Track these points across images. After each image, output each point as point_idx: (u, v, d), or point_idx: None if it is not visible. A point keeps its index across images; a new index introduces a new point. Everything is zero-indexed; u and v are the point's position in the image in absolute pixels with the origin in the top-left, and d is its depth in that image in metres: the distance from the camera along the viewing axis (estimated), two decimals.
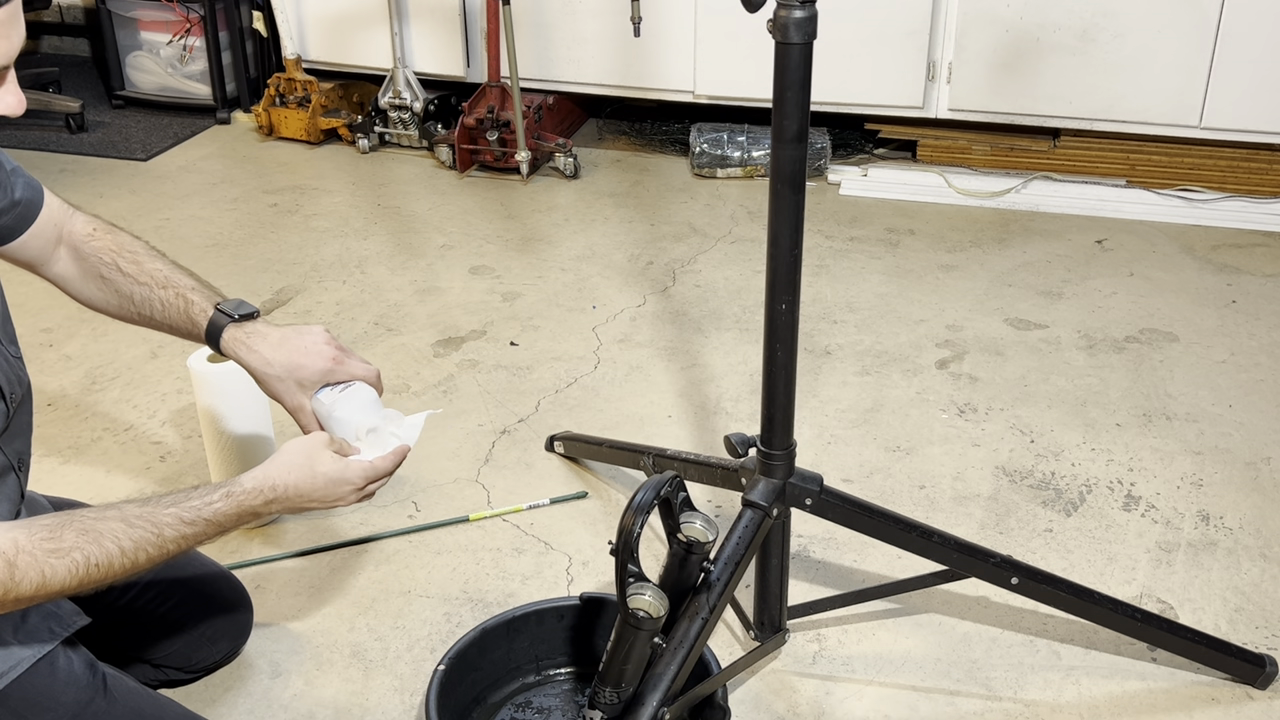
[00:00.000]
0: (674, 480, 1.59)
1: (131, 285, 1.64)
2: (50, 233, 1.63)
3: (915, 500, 2.30)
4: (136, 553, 1.35)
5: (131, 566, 1.36)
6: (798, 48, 1.51)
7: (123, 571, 1.35)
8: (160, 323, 1.66)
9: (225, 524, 1.43)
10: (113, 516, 1.35)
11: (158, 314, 1.64)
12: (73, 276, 1.66)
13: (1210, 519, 2.24)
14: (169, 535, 1.38)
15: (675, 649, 1.59)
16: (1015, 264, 3.23)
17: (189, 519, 1.40)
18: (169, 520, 1.38)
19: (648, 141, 4.09)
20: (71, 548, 1.31)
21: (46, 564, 1.29)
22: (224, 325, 1.61)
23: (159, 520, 1.38)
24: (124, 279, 1.64)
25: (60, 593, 1.32)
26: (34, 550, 1.28)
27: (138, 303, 1.65)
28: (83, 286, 1.66)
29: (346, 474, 1.49)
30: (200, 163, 3.92)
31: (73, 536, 1.31)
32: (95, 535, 1.33)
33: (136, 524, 1.36)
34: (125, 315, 1.67)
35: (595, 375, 2.73)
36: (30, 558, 1.28)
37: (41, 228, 1.61)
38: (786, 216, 1.60)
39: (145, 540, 1.36)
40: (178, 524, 1.39)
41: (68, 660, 1.46)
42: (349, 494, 1.51)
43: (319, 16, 4.00)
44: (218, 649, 1.85)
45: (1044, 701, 1.85)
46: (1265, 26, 3.29)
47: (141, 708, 1.52)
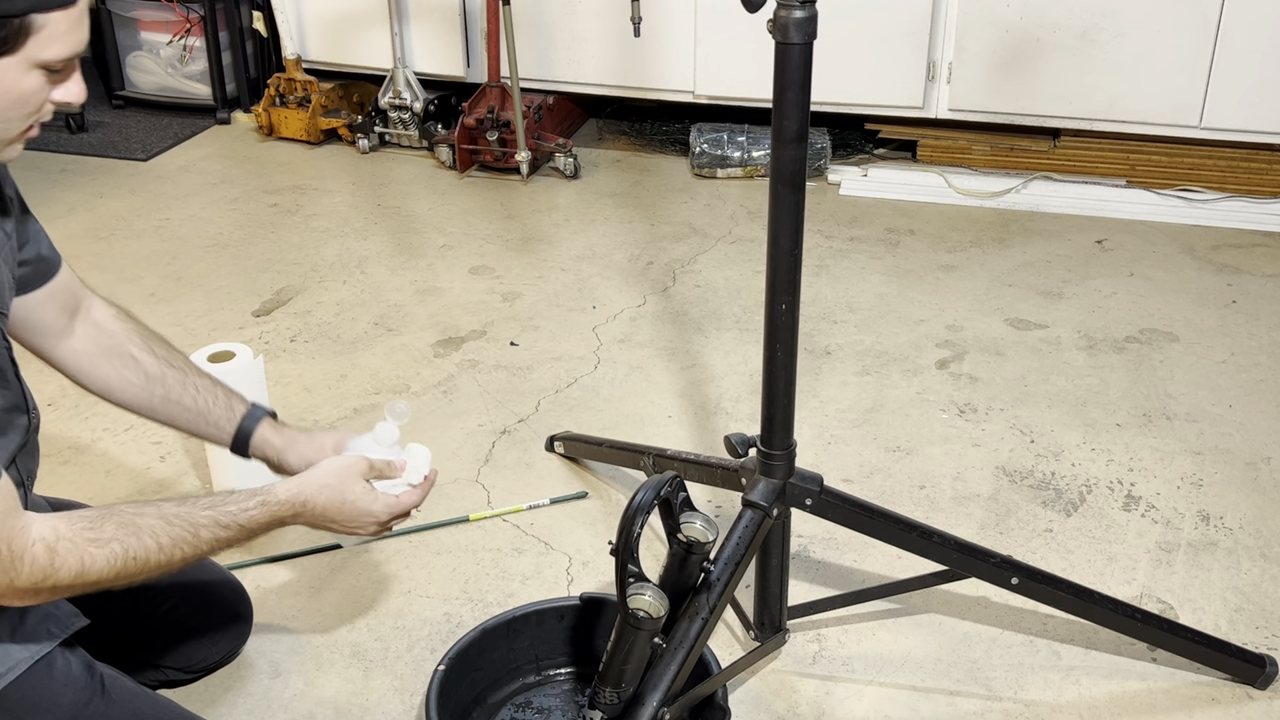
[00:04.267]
0: (674, 480, 1.59)
1: (164, 367, 1.67)
2: (66, 301, 1.63)
3: (915, 500, 2.30)
4: (173, 550, 1.40)
5: (166, 563, 1.40)
6: (798, 48, 1.51)
7: (157, 568, 1.39)
8: (187, 408, 1.67)
9: (256, 531, 1.49)
10: (151, 513, 1.39)
11: (187, 399, 1.67)
12: (88, 353, 1.65)
13: (1210, 519, 2.24)
14: (204, 536, 1.43)
15: (675, 649, 1.59)
16: (1015, 264, 3.23)
17: (225, 522, 1.45)
18: (205, 522, 1.43)
19: (648, 141, 4.09)
20: (111, 539, 1.34)
21: (86, 552, 1.32)
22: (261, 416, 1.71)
23: (196, 521, 1.42)
24: (154, 360, 1.67)
25: (97, 584, 1.35)
26: (74, 538, 1.32)
27: (168, 385, 1.66)
28: (101, 364, 1.65)
29: (373, 507, 1.57)
30: (200, 163, 3.92)
31: (112, 528, 1.35)
32: (134, 529, 1.37)
33: (175, 522, 1.40)
34: (142, 399, 1.67)
35: (595, 375, 2.73)
36: (71, 544, 1.31)
37: (57, 292, 1.61)
38: (786, 216, 1.60)
39: (182, 539, 1.40)
40: (214, 526, 1.44)
41: (65, 661, 1.46)
42: (370, 525, 1.59)
43: (319, 16, 4.00)
44: (218, 649, 1.85)
45: (1044, 701, 1.85)
46: (1265, 26, 3.29)
47: (140, 708, 1.52)
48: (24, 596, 1.32)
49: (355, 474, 1.57)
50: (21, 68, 1.25)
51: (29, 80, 1.27)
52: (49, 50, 1.25)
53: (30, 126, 1.32)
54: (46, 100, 1.30)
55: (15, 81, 1.26)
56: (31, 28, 1.23)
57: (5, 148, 1.32)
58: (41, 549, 1.29)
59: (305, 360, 2.78)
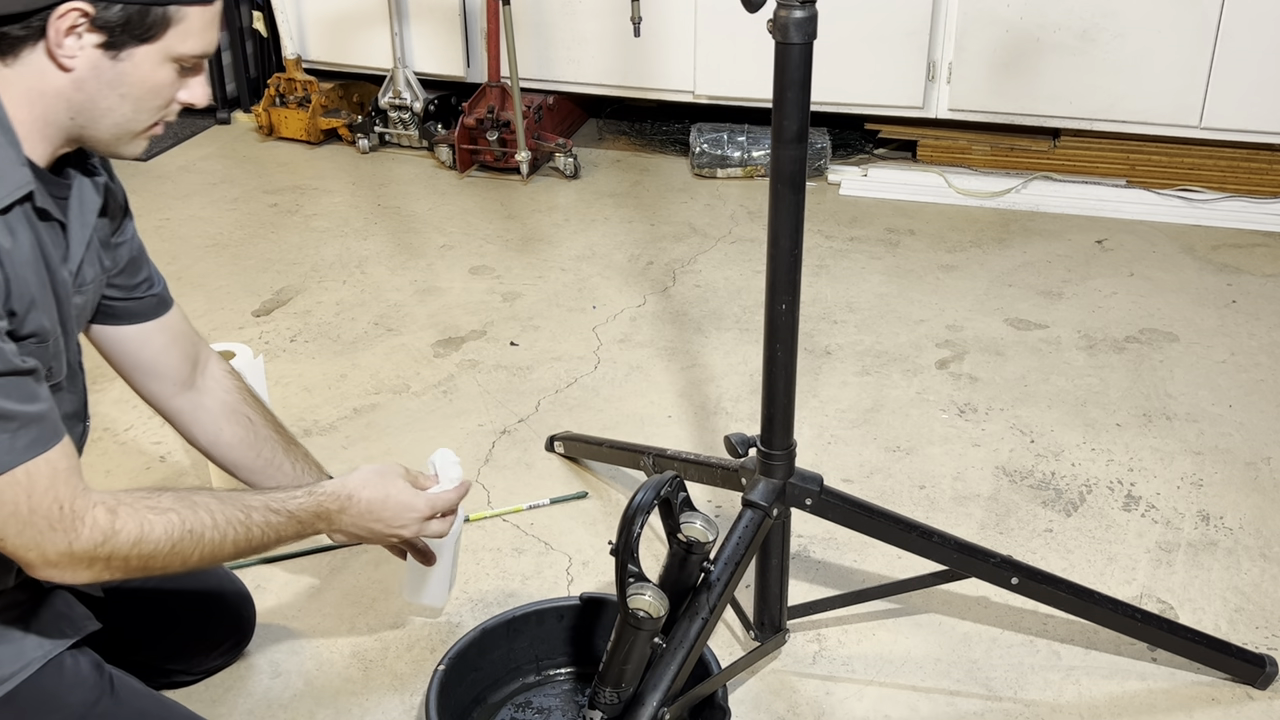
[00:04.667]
0: (674, 480, 1.59)
1: (271, 430, 1.71)
2: (187, 351, 1.65)
3: (915, 500, 2.30)
4: (226, 529, 1.40)
5: (219, 542, 1.40)
6: (798, 48, 1.51)
7: (210, 548, 1.39)
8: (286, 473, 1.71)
9: (304, 521, 1.49)
10: (204, 494, 1.42)
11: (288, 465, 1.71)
12: (212, 409, 1.68)
13: (1210, 519, 2.24)
14: (256, 520, 1.44)
15: (675, 649, 1.59)
16: (1015, 264, 3.23)
17: (274, 507, 1.46)
18: (257, 505, 1.45)
19: (648, 141, 4.09)
20: (169, 508, 1.36)
21: (145, 519, 1.33)
22: None
23: (248, 504, 1.44)
24: (265, 423, 1.71)
25: (154, 555, 1.34)
26: (134, 504, 1.33)
27: (274, 448, 1.71)
28: (220, 420, 1.69)
29: (415, 502, 1.59)
30: (200, 163, 3.92)
31: (169, 500, 1.37)
32: (190, 503, 1.38)
33: (227, 502, 1.42)
34: (248, 459, 1.70)
35: (595, 375, 2.73)
36: (131, 510, 1.32)
37: (178, 339, 1.64)
38: (786, 216, 1.60)
39: (234, 519, 1.41)
40: (265, 510, 1.45)
41: (75, 662, 1.47)
42: (412, 521, 1.59)
43: (319, 16, 4.00)
44: (220, 650, 1.85)
45: (1044, 701, 1.85)
46: (1265, 26, 3.29)
47: (147, 709, 1.52)
48: (79, 564, 1.30)
49: (395, 473, 1.59)
50: (157, 58, 1.29)
51: (163, 72, 1.30)
52: (185, 44, 1.29)
53: (156, 123, 1.35)
54: (174, 98, 1.34)
55: (151, 72, 1.29)
56: (172, 20, 1.27)
57: (132, 140, 1.35)
58: (102, 511, 1.30)
59: (305, 360, 2.78)
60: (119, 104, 1.30)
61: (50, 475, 1.26)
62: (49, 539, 1.27)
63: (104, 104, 1.29)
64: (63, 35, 1.24)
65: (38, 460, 1.24)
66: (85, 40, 1.25)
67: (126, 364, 1.63)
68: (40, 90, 1.27)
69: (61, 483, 1.27)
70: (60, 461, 1.27)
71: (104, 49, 1.26)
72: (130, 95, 1.30)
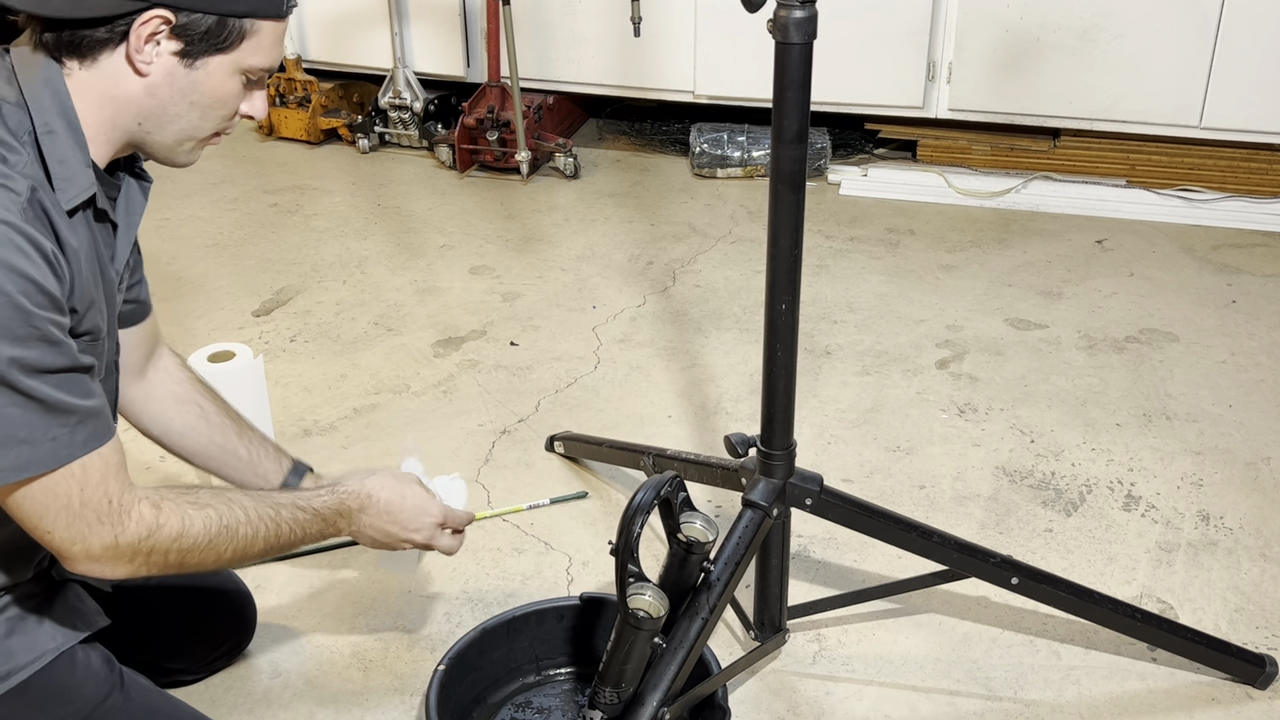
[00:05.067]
0: (674, 480, 1.59)
1: (224, 418, 1.73)
2: (147, 346, 1.67)
3: (915, 500, 2.30)
4: (258, 524, 1.43)
5: (251, 538, 1.43)
6: (798, 48, 1.51)
7: (244, 542, 1.42)
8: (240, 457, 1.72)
9: (327, 519, 1.53)
10: (237, 491, 1.45)
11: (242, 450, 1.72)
12: (161, 398, 1.70)
13: (1210, 519, 2.24)
14: (285, 516, 1.47)
15: (675, 649, 1.59)
16: (1015, 264, 3.23)
17: (301, 504, 1.50)
18: (285, 502, 1.48)
19: (648, 141, 4.09)
20: (207, 504, 1.39)
21: (186, 514, 1.36)
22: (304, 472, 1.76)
23: (276, 501, 1.47)
24: (216, 410, 1.72)
25: (192, 549, 1.37)
26: (175, 500, 1.36)
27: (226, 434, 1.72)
28: (169, 408, 1.70)
29: (429, 506, 1.63)
30: (200, 162, 3.87)
31: (207, 496, 1.40)
32: (225, 499, 1.41)
33: (258, 499, 1.45)
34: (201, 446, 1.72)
35: (595, 375, 2.73)
36: (173, 505, 1.35)
37: (145, 335, 1.66)
38: (786, 216, 1.60)
39: (265, 515, 1.45)
40: (292, 508, 1.48)
41: (87, 656, 1.48)
42: (427, 526, 1.63)
43: (319, 16, 4.00)
44: (221, 649, 1.86)
45: (1044, 701, 1.85)
46: (1265, 26, 3.29)
47: (155, 705, 1.53)
48: (120, 558, 1.32)
49: (410, 480, 1.64)
50: (229, 69, 1.32)
51: (232, 84, 1.33)
52: (255, 57, 1.32)
53: (217, 133, 1.39)
54: (237, 109, 1.37)
55: (222, 82, 1.32)
56: (247, 32, 1.30)
57: (191, 149, 1.39)
58: (147, 506, 1.33)
59: (305, 360, 2.78)
60: (187, 111, 1.33)
61: (103, 469, 1.28)
62: (96, 532, 1.29)
63: (173, 110, 1.32)
64: (143, 41, 1.26)
65: (93, 455, 1.27)
66: (164, 47, 1.28)
67: None
68: (113, 94, 1.29)
69: (112, 477, 1.30)
70: (112, 456, 1.30)
71: (180, 57, 1.29)
72: (200, 104, 1.32)
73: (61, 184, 1.27)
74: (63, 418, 1.23)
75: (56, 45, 1.27)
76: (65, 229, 1.26)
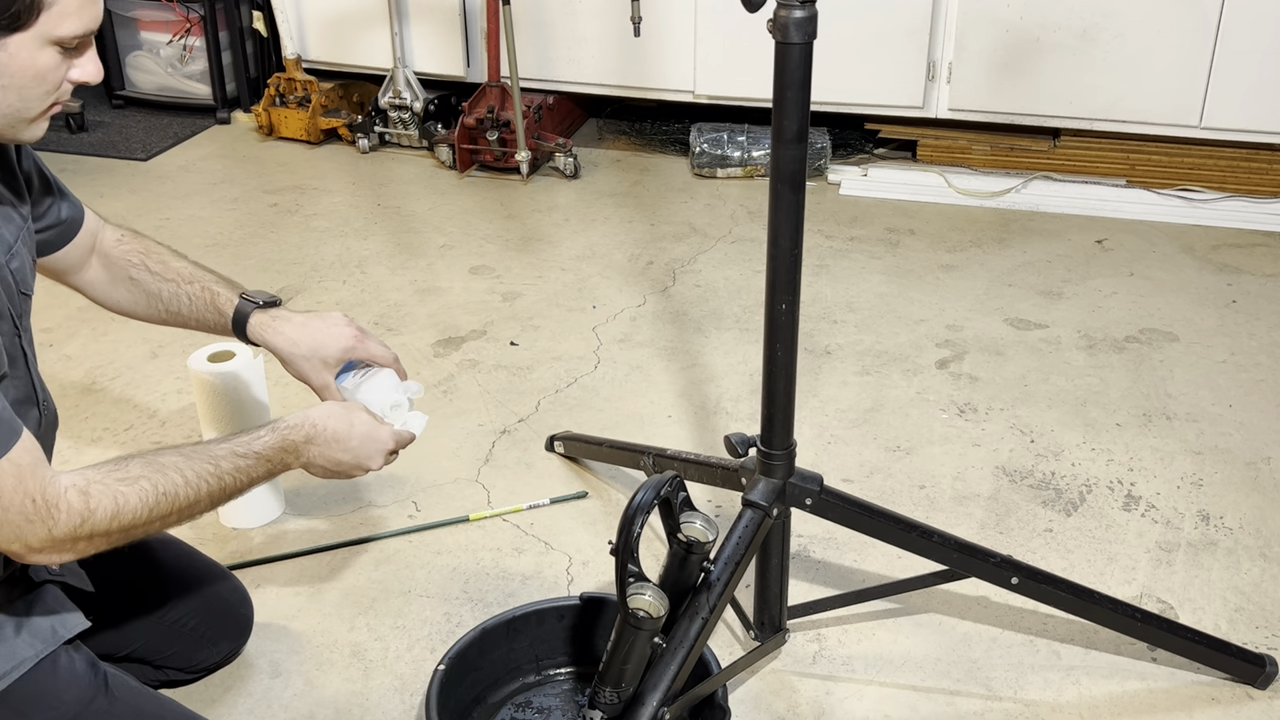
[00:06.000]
0: (674, 480, 1.59)
1: (159, 283, 1.70)
2: (86, 244, 1.67)
3: (915, 500, 2.30)
4: (199, 484, 1.41)
5: (194, 499, 1.41)
6: (798, 48, 1.51)
7: (187, 505, 1.40)
8: (187, 317, 1.72)
9: (272, 459, 1.50)
10: (169, 452, 1.42)
11: (184, 309, 1.71)
12: (101, 282, 1.70)
13: (1210, 519, 2.24)
14: (225, 468, 1.44)
15: (675, 649, 1.59)
16: (1015, 264, 3.23)
17: (240, 451, 1.47)
18: (223, 453, 1.45)
19: (648, 141, 4.09)
20: (138, 476, 1.36)
21: (118, 491, 1.33)
22: (249, 312, 1.69)
23: (214, 454, 1.44)
24: (151, 278, 1.70)
25: (134, 525, 1.35)
26: (104, 480, 1.33)
27: (165, 299, 1.71)
28: (111, 290, 1.71)
29: (379, 433, 1.60)
30: (200, 163, 3.92)
31: (138, 467, 1.37)
32: (158, 466, 1.38)
33: (194, 457, 1.42)
34: (152, 314, 1.72)
35: (595, 375, 2.73)
36: (102, 486, 1.33)
37: (79, 242, 1.65)
38: (786, 216, 1.60)
39: (205, 472, 1.42)
40: (231, 457, 1.45)
41: (69, 660, 1.47)
42: (378, 453, 1.60)
43: (319, 16, 4.00)
44: (218, 649, 1.85)
45: (1044, 701, 1.85)
46: (1265, 26, 3.29)
47: (143, 707, 1.52)
48: (62, 547, 1.31)
49: (356, 408, 1.60)
50: (35, 44, 1.26)
51: (44, 58, 1.27)
52: (62, 27, 1.26)
53: (52, 105, 1.33)
54: (64, 79, 1.32)
55: (30, 59, 1.26)
56: (42, 4, 1.24)
57: (27, 126, 1.33)
58: (75, 494, 1.30)
59: None
60: (3, 95, 1.28)
61: (16, 474, 1.26)
62: (29, 530, 1.28)
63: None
64: None
65: (1, 462, 1.25)
66: None
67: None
68: None
69: (29, 477, 1.27)
70: (23, 458, 1.27)
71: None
72: (12, 85, 1.27)
73: None
74: None
75: None
76: None
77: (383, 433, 1.60)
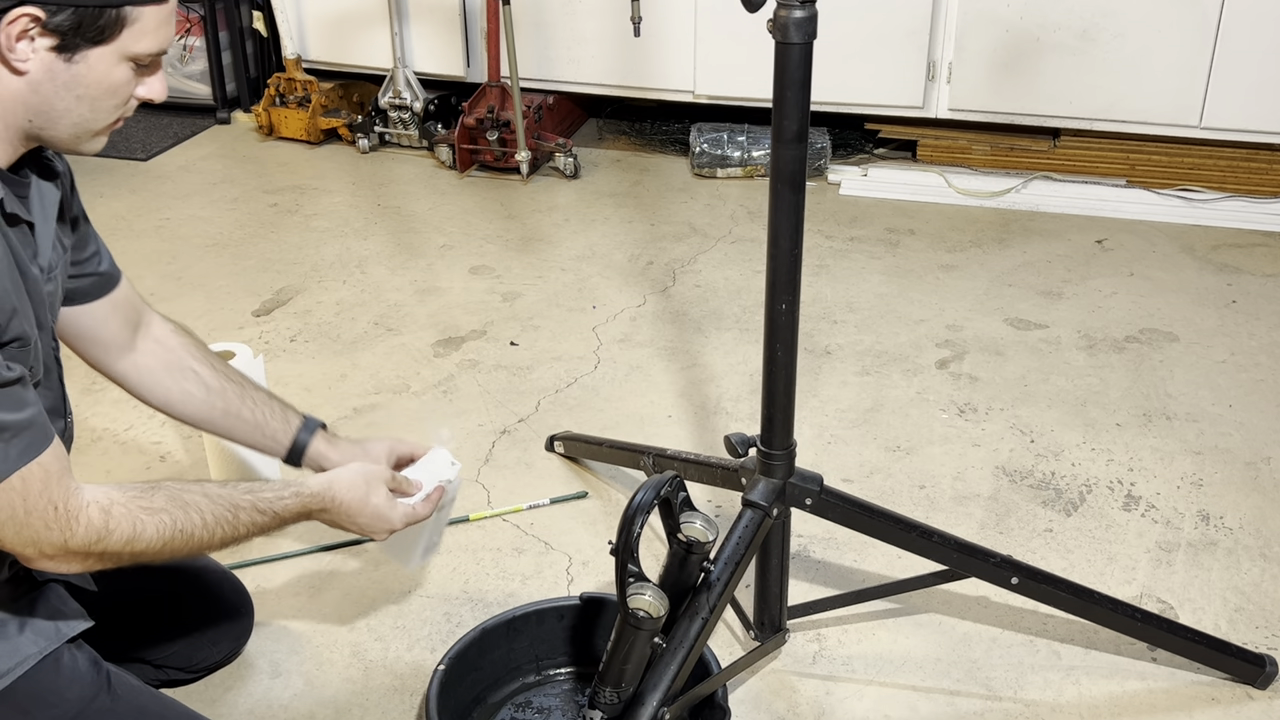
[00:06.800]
0: (674, 480, 1.59)
1: (223, 381, 1.73)
2: (129, 316, 1.66)
3: (915, 500, 2.30)
4: (215, 528, 1.43)
5: (208, 541, 1.43)
6: (798, 48, 1.51)
7: (199, 545, 1.42)
8: (245, 420, 1.74)
9: (288, 520, 1.53)
10: (196, 491, 1.43)
11: (245, 412, 1.73)
12: (153, 368, 1.69)
13: (1210, 519, 2.24)
14: (243, 519, 1.47)
15: (675, 649, 1.59)
16: (1015, 264, 3.23)
17: (261, 508, 1.49)
18: (245, 505, 1.47)
19: (648, 141, 4.09)
20: (161, 509, 1.38)
21: (138, 519, 1.35)
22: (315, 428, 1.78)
23: (236, 503, 1.46)
24: (214, 374, 1.72)
25: (145, 553, 1.37)
26: (128, 504, 1.35)
27: (227, 398, 1.72)
28: (165, 377, 1.70)
29: (391, 515, 1.63)
30: (200, 163, 3.92)
31: (163, 500, 1.39)
32: (182, 503, 1.40)
33: (218, 501, 1.44)
34: (203, 412, 1.72)
35: (595, 375, 2.73)
36: (124, 509, 1.34)
37: (119, 306, 1.64)
38: (786, 216, 1.60)
39: (223, 518, 1.44)
40: (251, 510, 1.48)
41: (72, 658, 1.48)
42: (384, 531, 1.64)
43: (319, 16, 4.00)
44: (219, 649, 1.85)
45: (1044, 701, 1.85)
46: (1265, 26, 3.29)
47: (145, 705, 1.53)
48: (72, 559, 1.33)
49: (379, 480, 1.63)
50: (113, 59, 1.29)
51: (119, 72, 1.31)
52: (140, 44, 1.30)
53: (116, 120, 1.36)
54: (132, 95, 1.35)
55: (106, 72, 1.30)
56: (126, 20, 1.27)
57: (92, 139, 1.36)
58: (96, 511, 1.32)
59: (305, 360, 2.78)
60: (76, 105, 1.30)
61: (44, 479, 1.28)
62: (45, 536, 1.29)
63: (60, 106, 1.30)
64: (14, 40, 1.24)
65: (31, 466, 1.26)
66: (38, 44, 1.25)
67: (68, 334, 1.63)
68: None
69: (55, 484, 1.29)
70: (53, 464, 1.29)
71: (57, 52, 1.26)
72: (87, 96, 1.30)
73: None
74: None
75: None
76: None
77: (394, 514, 1.63)
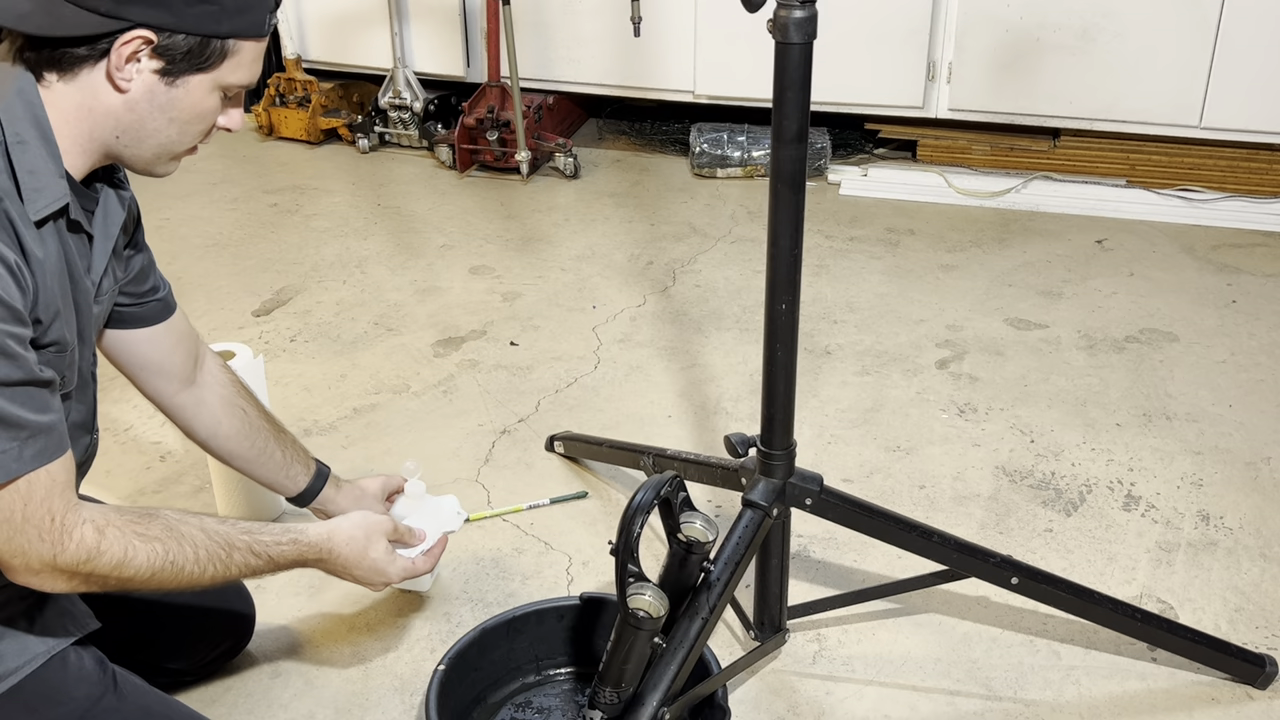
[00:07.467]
0: (674, 480, 1.59)
1: (263, 420, 1.78)
2: (191, 349, 1.70)
3: (915, 500, 2.30)
4: (206, 565, 1.43)
5: (197, 576, 1.43)
6: (798, 48, 1.51)
7: (187, 580, 1.42)
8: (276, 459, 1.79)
9: (282, 566, 1.55)
10: (194, 524, 1.43)
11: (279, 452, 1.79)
12: (212, 403, 1.73)
13: (1210, 519, 2.24)
14: (236, 560, 1.47)
15: (675, 649, 1.59)
16: (1015, 264, 3.23)
17: (256, 550, 1.50)
18: (240, 545, 1.47)
19: (648, 141, 4.09)
20: (156, 537, 1.37)
21: (131, 544, 1.35)
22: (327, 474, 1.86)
23: (232, 543, 1.47)
24: (257, 413, 1.78)
25: (133, 579, 1.36)
26: (123, 528, 1.35)
27: (265, 437, 1.78)
28: (219, 413, 1.74)
29: (389, 570, 1.66)
30: (200, 163, 3.92)
31: (159, 529, 1.38)
32: (178, 535, 1.40)
33: (214, 538, 1.44)
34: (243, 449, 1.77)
35: (595, 375, 2.73)
36: (118, 532, 1.34)
37: (183, 338, 1.68)
38: (786, 216, 1.60)
39: (216, 556, 1.44)
40: (246, 552, 1.48)
41: (79, 658, 1.48)
42: (380, 585, 1.68)
43: (319, 16, 4.00)
44: (219, 649, 1.85)
45: (1044, 701, 1.85)
46: (1265, 26, 3.29)
47: (150, 705, 1.53)
48: (58, 577, 1.32)
49: (380, 533, 1.65)
50: (209, 86, 1.33)
51: (211, 100, 1.35)
52: (235, 75, 1.35)
53: (194, 146, 1.40)
54: (214, 124, 1.39)
55: (201, 99, 1.34)
56: (229, 52, 1.32)
57: (169, 161, 1.40)
58: (90, 530, 1.32)
59: (305, 360, 2.78)
60: (166, 127, 1.34)
61: (49, 487, 1.28)
62: (35, 548, 1.29)
63: (151, 126, 1.33)
64: (124, 60, 1.27)
65: (40, 471, 1.26)
66: (145, 65, 1.29)
67: (133, 365, 1.66)
68: (90, 107, 1.30)
69: (58, 495, 1.29)
70: (60, 475, 1.29)
71: (161, 75, 1.30)
72: (178, 120, 1.34)
73: (30, 194, 1.26)
74: (13, 431, 1.23)
75: (37, 61, 1.27)
76: (31, 240, 1.26)
77: (392, 570, 1.66)
